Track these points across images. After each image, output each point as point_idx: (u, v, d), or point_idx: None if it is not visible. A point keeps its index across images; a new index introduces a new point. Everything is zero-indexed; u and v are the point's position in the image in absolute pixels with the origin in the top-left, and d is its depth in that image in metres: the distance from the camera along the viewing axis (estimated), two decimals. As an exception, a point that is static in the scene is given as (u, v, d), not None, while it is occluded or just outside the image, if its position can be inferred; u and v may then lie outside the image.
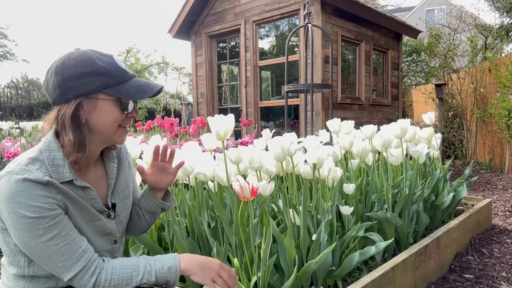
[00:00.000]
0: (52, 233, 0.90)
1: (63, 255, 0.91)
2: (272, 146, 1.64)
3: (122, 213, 1.15)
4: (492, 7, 10.81)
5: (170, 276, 1.01)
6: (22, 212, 0.88)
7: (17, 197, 0.88)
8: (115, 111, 0.99)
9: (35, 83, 32.15)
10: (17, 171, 0.90)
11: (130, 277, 0.96)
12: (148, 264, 1.00)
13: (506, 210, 3.51)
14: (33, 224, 0.88)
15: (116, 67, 0.98)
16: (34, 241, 0.89)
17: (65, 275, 0.92)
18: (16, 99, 13.05)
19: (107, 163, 1.12)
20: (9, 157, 3.09)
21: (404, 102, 9.66)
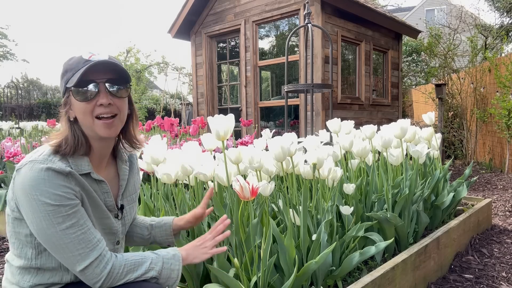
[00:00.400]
0: (70, 221, 0.93)
1: (80, 243, 0.94)
2: (272, 146, 1.64)
3: (128, 216, 1.18)
4: (492, 7, 10.81)
5: (174, 264, 1.04)
6: (43, 200, 0.90)
7: (39, 184, 0.90)
8: (76, 102, 0.98)
9: (35, 83, 32.15)
10: (40, 161, 0.93)
11: (140, 263, 1.00)
12: (154, 253, 1.04)
13: (506, 210, 3.51)
14: (53, 212, 0.91)
15: (78, 59, 0.99)
16: (53, 228, 0.92)
17: (81, 263, 0.94)
18: (16, 99, 13.05)
19: (120, 165, 1.15)
20: (9, 157, 3.09)
21: (404, 102, 9.66)
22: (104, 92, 0.98)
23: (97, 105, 0.98)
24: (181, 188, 1.85)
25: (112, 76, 1.00)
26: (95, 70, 0.97)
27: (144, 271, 1.00)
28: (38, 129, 5.69)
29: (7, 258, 1.06)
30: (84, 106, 0.98)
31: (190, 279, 1.66)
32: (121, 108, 1.03)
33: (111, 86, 0.99)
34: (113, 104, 1.00)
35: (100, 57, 0.99)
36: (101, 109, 0.98)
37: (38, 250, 0.99)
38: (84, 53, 1.00)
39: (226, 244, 1.68)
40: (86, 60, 0.97)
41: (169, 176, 1.68)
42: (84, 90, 0.97)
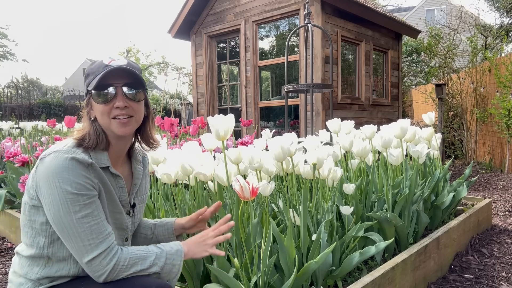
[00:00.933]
0: (86, 211, 0.98)
1: (92, 233, 0.98)
2: (272, 146, 1.63)
3: (137, 215, 1.24)
4: (492, 7, 10.81)
5: (176, 260, 1.08)
6: (64, 187, 0.96)
7: (63, 172, 0.96)
8: (95, 104, 1.06)
9: (35, 83, 32.14)
10: (65, 151, 1.00)
11: (145, 257, 1.04)
12: (158, 248, 1.08)
13: (506, 210, 3.51)
14: (72, 200, 0.96)
15: (99, 64, 1.07)
16: (69, 216, 0.97)
17: (89, 254, 0.98)
18: (16, 99, 13.05)
19: (134, 165, 1.22)
20: (9, 157, 3.09)
21: (404, 102, 9.66)
22: (121, 95, 1.06)
23: (114, 107, 1.06)
24: (181, 188, 1.85)
25: (128, 81, 1.07)
26: (113, 75, 1.05)
27: (148, 266, 1.03)
28: (38, 129, 5.69)
29: (17, 250, 1.11)
30: (102, 108, 1.05)
31: (190, 279, 1.66)
32: (137, 110, 1.10)
33: (127, 90, 1.07)
34: (129, 106, 1.07)
35: (119, 62, 1.06)
36: (118, 111, 1.06)
37: (51, 239, 1.03)
38: (105, 58, 1.08)
39: (226, 244, 1.68)
40: (106, 65, 1.05)
41: (169, 176, 1.68)
42: (103, 93, 1.05)
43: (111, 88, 1.05)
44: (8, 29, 26.53)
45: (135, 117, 1.09)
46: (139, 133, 1.19)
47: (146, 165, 1.29)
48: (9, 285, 1.10)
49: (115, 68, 1.04)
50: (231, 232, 1.63)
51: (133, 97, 1.07)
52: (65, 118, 3.88)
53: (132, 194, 1.19)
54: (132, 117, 1.08)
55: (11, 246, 2.89)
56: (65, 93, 25.48)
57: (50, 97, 24.40)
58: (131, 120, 1.08)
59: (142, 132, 1.19)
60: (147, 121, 1.18)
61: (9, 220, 2.96)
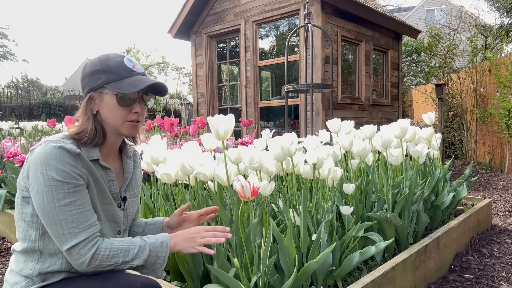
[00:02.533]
0: (70, 199, 0.99)
1: (73, 222, 0.99)
2: (272, 146, 1.63)
3: (130, 208, 1.24)
4: (492, 7, 10.81)
5: (161, 252, 1.08)
6: (50, 174, 0.98)
7: (50, 160, 0.98)
8: (115, 105, 1.08)
9: (35, 83, 32.15)
10: (54, 141, 1.02)
11: (127, 249, 1.04)
12: (143, 240, 1.08)
13: (506, 210, 3.51)
14: (56, 186, 0.98)
15: (121, 65, 1.08)
16: (52, 203, 0.98)
17: (68, 242, 0.99)
18: (16, 99, 13.05)
19: (125, 159, 1.24)
20: (9, 157, 3.09)
21: (404, 102, 9.66)
22: (140, 101, 1.11)
23: (132, 112, 1.10)
24: (181, 188, 1.85)
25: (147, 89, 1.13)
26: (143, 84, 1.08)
27: (130, 258, 1.04)
28: (38, 129, 5.69)
29: (12, 247, 1.12)
30: (120, 110, 1.09)
31: (190, 279, 1.66)
32: (144, 113, 1.16)
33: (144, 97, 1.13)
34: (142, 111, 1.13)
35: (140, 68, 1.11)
36: (134, 116, 1.11)
37: (41, 231, 1.04)
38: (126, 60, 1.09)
39: (226, 244, 1.68)
40: (132, 70, 1.08)
41: (169, 176, 1.68)
42: (128, 98, 1.08)
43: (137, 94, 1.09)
44: (8, 29, 26.54)
45: (141, 120, 1.15)
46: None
47: (138, 161, 1.31)
48: (4, 285, 1.11)
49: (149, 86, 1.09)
50: (231, 231, 1.63)
51: (147, 104, 1.14)
52: (65, 118, 3.88)
53: (123, 187, 1.21)
54: (140, 121, 1.14)
55: (11, 246, 2.89)
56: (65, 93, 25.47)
57: (50, 97, 24.40)
58: (139, 123, 1.14)
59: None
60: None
61: (9, 220, 2.96)
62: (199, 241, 1.13)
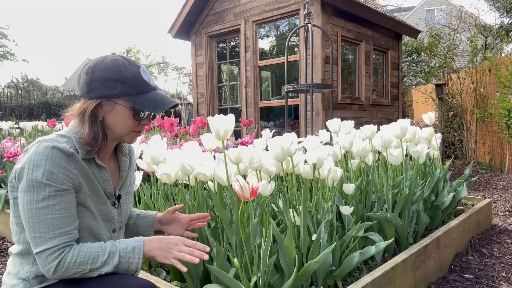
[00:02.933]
0: (48, 202, 0.96)
1: (45, 226, 0.97)
2: (272, 146, 1.63)
3: (124, 206, 1.23)
4: (492, 7, 10.81)
5: (133, 258, 1.03)
6: (35, 174, 0.95)
7: (40, 160, 0.96)
8: (128, 118, 1.09)
9: (35, 83, 32.14)
10: (47, 140, 1.00)
11: (96, 256, 1.00)
12: (114, 245, 1.04)
13: (506, 210, 3.51)
14: (38, 188, 0.96)
15: (139, 78, 1.08)
16: (30, 204, 0.96)
17: (38, 247, 0.97)
18: (16, 99, 13.05)
19: (120, 158, 1.23)
20: (9, 157, 3.09)
21: (404, 102, 9.66)
22: (149, 116, 1.14)
23: (140, 124, 1.13)
24: (181, 188, 1.85)
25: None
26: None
27: (99, 265, 0.99)
28: (38, 129, 5.69)
29: (10, 250, 1.11)
30: (132, 123, 1.10)
31: (190, 279, 1.66)
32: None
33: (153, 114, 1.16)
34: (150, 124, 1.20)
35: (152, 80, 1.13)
36: (142, 128, 1.14)
37: None
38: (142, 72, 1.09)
39: (226, 244, 1.68)
40: (148, 84, 1.09)
41: (169, 176, 1.68)
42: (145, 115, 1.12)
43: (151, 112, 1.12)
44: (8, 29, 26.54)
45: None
46: None
47: (132, 157, 1.30)
48: (2, 287, 1.10)
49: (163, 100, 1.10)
50: (231, 231, 1.63)
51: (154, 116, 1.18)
52: (65, 118, 3.87)
53: (117, 186, 1.20)
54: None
55: (11, 246, 2.89)
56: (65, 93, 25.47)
57: (50, 97, 24.41)
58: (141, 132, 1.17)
59: None
60: None
61: (9, 220, 2.96)
62: (174, 253, 1.07)
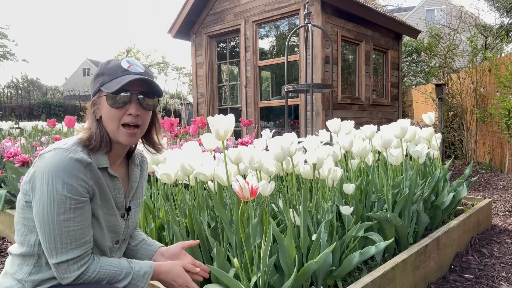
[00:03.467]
0: (70, 215, 0.97)
1: (68, 238, 0.97)
2: (272, 146, 1.63)
3: (132, 218, 1.21)
4: (492, 7, 10.80)
5: (141, 282, 1.07)
6: (56, 186, 0.95)
7: (59, 171, 0.95)
8: (108, 107, 1.05)
9: (35, 83, 32.13)
10: (65, 149, 0.99)
11: (113, 275, 1.03)
12: (129, 266, 1.07)
13: (506, 210, 3.51)
14: (59, 200, 0.95)
15: (117, 66, 1.05)
16: (51, 216, 0.96)
17: (59, 257, 0.97)
18: (16, 99, 13.05)
19: (131, 168, 1.20)
20: (9, 157, 3.09)
21: (404, 102, 9.66)
22: (135, 103, 1.06)
23: (126, 114, 1.05)
24: (181, 188, 1.85)
25: (145, 89, 1.07)
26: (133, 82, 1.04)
27: (114, 282, 1.04)
28: (38, 129, 5.69)
29: (9, 250, 1.10)
30: (113, 112, 1.04)
31: (190, 279, 1.66)
32: (145, 119, 1.10)
33: (142, 98, 1.07)
34: (140, 115, 1.06)
35: (138, 68, 1.06)
36: (129, 118, 1.05)
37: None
38: (123, 61, 1.06)
39: (226, 244, 1.68)
40: (125, 70, 1.04)
41: (169, 176, 1.68)
42: (119, 97, 1.04)
43: (128, 94, 1.04)
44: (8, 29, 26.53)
45: (142, 126, 1.09)
46: (145, 139, 1.19)
47: (145, 168, 1.27)
48: None
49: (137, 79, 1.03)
50: (231, 231, 1.63)
51: (146, 106, 1.08)
52: (65, 118, 3.87)
53: (128, 197, 1.18)
54: (139, 126, 1.08)
55: (9, 247, 2.89)
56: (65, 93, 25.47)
57: (50, 97, 24.43)
58: (138, 130, 1.08)
59: (148, 137, 1.19)
60: (153, 125, 1.18)
61: (9, 220, 2.96)
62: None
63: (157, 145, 1.21)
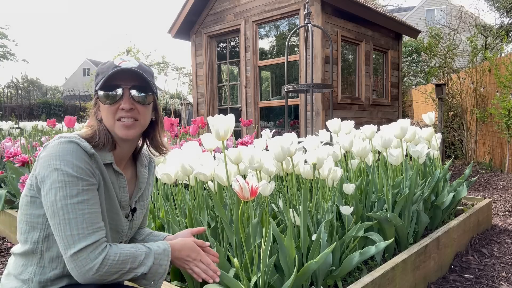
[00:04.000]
0: (83, 197, 0.95)
1: (83, 222, 0.94)
2: (272, 146, 1.63)
3: (136, 220, 1.19)
4: (492, 7, 10.81)
5: (163, 260, 1.04)
6: (65, 169, 0.94)
7: (66, 155, 0.95)
8: (102, 104, 1.05)
9: (35, 83, 32.13)
10: (69, 137, 0.99)
11: (135, 255, 1.00)
12: (146, 247, 1.04)
13: (506, 210, 3.51)
14: (71, 182, 0.94)
15: (109, 64, 1.06)
16: (64, 200, 0.93)
17: (76, 244, 0.93)
18: (16, 99, 13.04)
19: (139, 168, 1.19)
20: (9, 157, 3.09)
21: (404, 102, 9.65)
22: (127, 97, 1.04)
23: (120, 108, 1.04)
24: (181, 188, 1.85)
25: (137, 83, 1.05)
26: (122, 76, 1.03)
27: (137, 265, 0.99)
28: (38, 129, 5.69)
29: (12, 250, 1.09)
30: (108, 108, 1.04)
31: (190, 279, 1.66)
32: (143, 114, 1.08)
33: (135, 92, 1.05)
34: (134, 109, 1.05)
35: (130, 64, 1.05)
36: (123, 113, 1.04)
37: (46, 232, 1.00)
38: (117, 59, 1.06)
39: (226, 244, 1.68)
40: (116, 66, 1.03)
41: (169, 176, 1.68)
42: (110, 94, 1.04)
43: (119, 89, 1.03)
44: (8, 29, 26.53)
45: (140, 121, 1.07)
46: (148, 139, 1.17)
47: (152, 170, 1.25)
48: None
49: (122, 69, 1.03)
50: (231, 231, 1.63)
51: (140, 100, 1.06)
52: (65, 118, 3.88)
53: (134, 197, 1.16)
54: (137, 121, 1.06)
55: (11, 246, 2.89)
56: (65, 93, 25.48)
57: (50, 97, 24.43)
58: (135, 123, 1.06)
59: (150, 136, 1.17)
60: (156, 125, 1.16)
61: (9, 220, 2.96)
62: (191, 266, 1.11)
63: (161, 146, 1.19)
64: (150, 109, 1.11)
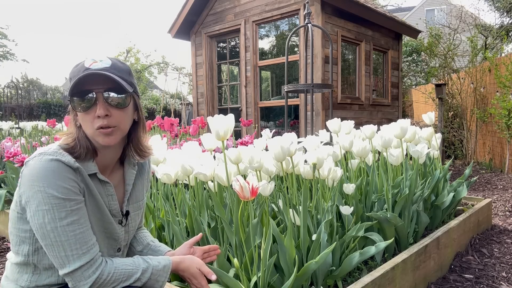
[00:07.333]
0: (72, 218, 0.92)
1: (76, 242, 0.92)
2: (272, 146, 1.63)
3: (132, 223, 1.15)
4: (492, 7, 10.81)
5: (161, 276, 1.04)
6: (50, 191, 0.89)
7: (47, 176, 0.89)
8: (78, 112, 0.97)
9: (35, 83, 32.13)
10: (50, 153, 0.92)
11: (130, 274, 0.99)
12: (145, 262, 1.03)
13: (506, 210, 3.51)
14: (57, 205, 0.90)
15: (80, 66, 0.96)
16: (53, 223, 0.90)
17: (71, 265, 0.91)
18: (16, 99, 13.04)
19: (127, 168, 1.13)
20: (9, 157, 3.09)
21: (404, 102, 9.66)
22: (101, 102, 0.95)
23: (96, 116, 0.95)
24: (181, 188, 1.85)
25: (111, 86, 0.95)
26: (93, 79, 0.93)
27: (132, 282, 0.99)
28: (38, 129, 5.69)
29: (8, 256, 1.07)
30: (83, 116, 0.96)
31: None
32: (121, 119, 0.98)
33: (109, 95, 0.95)
34: (111, 115, 0.96)
35: (101, 64, 0.95)
36: (100, 121, 0.95)
37: (35, 246, 0.98)
38: (87, 60, 0.96)
39: (226, 244, 1.68)
40: (86, 68, 0.94)
41: (169, 176, 1.68)
42: (82, 100, 0.94)
43: (90, 94, 0.93)
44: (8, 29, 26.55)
45: (119, 126, 0.98)
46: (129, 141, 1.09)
47: (145, 167, 1.19)
48: None
49: (93, 72, 0.92)
50: (231, 231, 1.63)
51: (117, 104, 0.96)
52: (65, 118, 3.88)
53: (124, 202, 1.11)
54: (116, 127, 0.97)
55: (8, 252, 2.89)
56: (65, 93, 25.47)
57: (50, 97, 24.43)
58: (114, 130, 0.97)
59: (132, 139, 1.08)
60: (138, 126, 1.07)
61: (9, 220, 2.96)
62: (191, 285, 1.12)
63: (141, 147, 1.10)
64: (130, 111, 1.02)
